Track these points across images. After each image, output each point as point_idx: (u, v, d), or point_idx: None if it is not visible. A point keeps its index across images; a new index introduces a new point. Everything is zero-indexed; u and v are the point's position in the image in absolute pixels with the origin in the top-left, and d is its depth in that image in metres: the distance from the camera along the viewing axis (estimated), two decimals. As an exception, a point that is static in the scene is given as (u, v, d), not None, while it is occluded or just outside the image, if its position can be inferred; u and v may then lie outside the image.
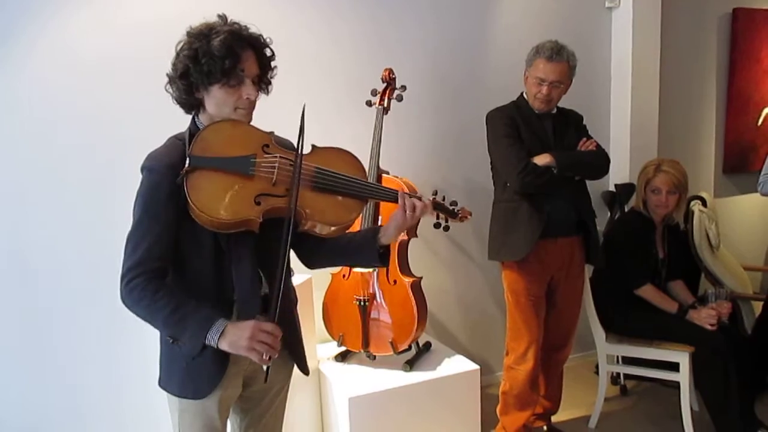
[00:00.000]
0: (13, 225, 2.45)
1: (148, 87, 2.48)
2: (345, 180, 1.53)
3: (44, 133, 2.46)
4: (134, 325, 2.48)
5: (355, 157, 1.61)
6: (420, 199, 1.63)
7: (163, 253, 1.43)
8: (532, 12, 3.33)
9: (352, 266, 2.49)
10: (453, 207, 1.77)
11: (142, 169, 1.46)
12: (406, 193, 1.61)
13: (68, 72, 2.46)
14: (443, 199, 1.75)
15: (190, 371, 1.51)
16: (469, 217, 1.83)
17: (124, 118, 2.55)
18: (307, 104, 1.87)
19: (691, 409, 2.81)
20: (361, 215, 1.97)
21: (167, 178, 1.41)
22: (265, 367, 1.44)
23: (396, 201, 1.60)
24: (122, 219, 2.45)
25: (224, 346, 1.38)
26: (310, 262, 1.72)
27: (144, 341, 2.53)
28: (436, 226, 1.81)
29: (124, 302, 1.42)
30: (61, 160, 2.49)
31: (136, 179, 1.45)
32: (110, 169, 2.54)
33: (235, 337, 1.37)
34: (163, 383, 1.58)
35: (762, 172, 2.99)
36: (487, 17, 3.24)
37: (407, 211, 1.58)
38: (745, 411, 2.69)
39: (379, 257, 1.63)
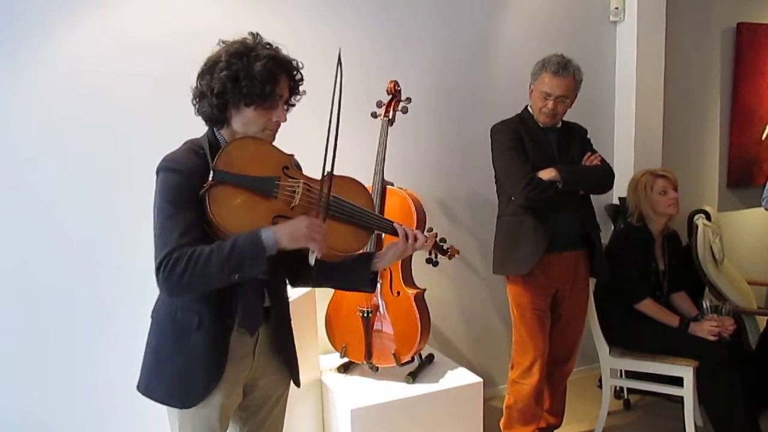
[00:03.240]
0: (15, 232, 2.46)
1: (152, 98, 2.54)
2: (358, 211, 1.58)
3: (46, 141, 2.47)
4: (129, 329, 2.55)
5: (366, 189, 1.68)
6: (422, 233, 1.68)
7: (196, 239, 1.40)
8: (538, 26, 3.35)
9: (339, 288, 2.40)
10: (442, 244, 1.86)
11: (159, 170, 1.45)
12: (406, 227, 1.66)
13: (70, 82, 2.48)
14: (435, 236, 1.81)
15: (181, 379, 1.50)
16: (457, 254, 1.96)
17: (127, 128, 2.56)
18: (313, 115, 1.88)
19: (695, 424, 2.79)
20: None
21: (189, 179, 1.42)
22: (314, 260, 1.43)
23: (395, 234, 1.65)
24: (124, 226, 2.50)
25: (285, 240, 1.40)
26: (295, 283, 1.73)
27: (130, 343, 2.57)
28: (428, 261, 1.90)
29: (168, 290, 1.39)
30: (62, 168, 2.50)
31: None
32: (112, 176, 2.55)
33: (292, 228, 1.40)
34: (143, 389, 1.56)
35: (766, 187, 2.99)
36: (492, 30, 3.26)
37: (408, 242, 1.63)
38: (750, 426, 2.67)
39: (370, 282, 1.65)
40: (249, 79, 1.43)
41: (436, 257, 1.87)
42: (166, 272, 1.36)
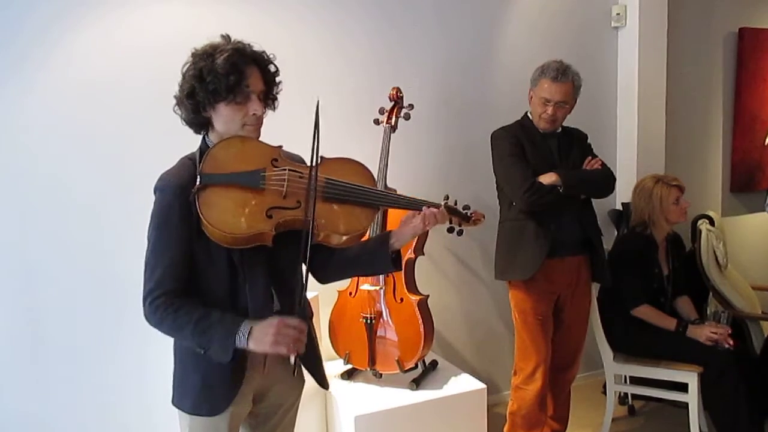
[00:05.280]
0: (20, 234, 2.49)
1: (154, 109, 2.54)
2: (355, 189, 1.55)
3: (50, 151, 2.50)
4: (132, 334, 2.56)
5: (364, 166, 1.62)
6: (435, 206, 1.65)
7: (180, 274, 1.45)
8: (539, 32, 3.36)
9: (366, 275, 2.40)
10: (465, 211, 1.78)
11: (155, 190, 1.48)
12: (424, 201, 1.64)
13: (75, 94, 2.51)
14: (455, 203, 1.76)
15: (206, 388, 1.51)
16: (482, 219, 1.81)
17: (130, 139, 2.59)
18: (312, 117, 1.91)
19: (700, 430, 2.77)
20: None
21: (178, 198, 1.43)
22: (292, 360, 1.46)
23: (419, 209, 1.63)
24: (129, 229, 2.51)
25: (251, 345, 1.40)
26: (324, 276, 1.72)
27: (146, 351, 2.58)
28: (450, 230, 1.80)
29: (148, 321, 1.44)
30: (67, 178, 2.53)
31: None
32: (115, 187, 2.58)
33: (260, 334, 1.40)
34: (176, 401, 1.58)
35: (769, 191, 3.00)
36: (494, 36, 3.27)
37: (424, 215, 1.61)
38: (755, 432, 2.66)
39: (392, 262, 1.63)
40: (212, 74, 1.43)
41: (459, 225, 1.75)
42: (149, 311, 1.43)
